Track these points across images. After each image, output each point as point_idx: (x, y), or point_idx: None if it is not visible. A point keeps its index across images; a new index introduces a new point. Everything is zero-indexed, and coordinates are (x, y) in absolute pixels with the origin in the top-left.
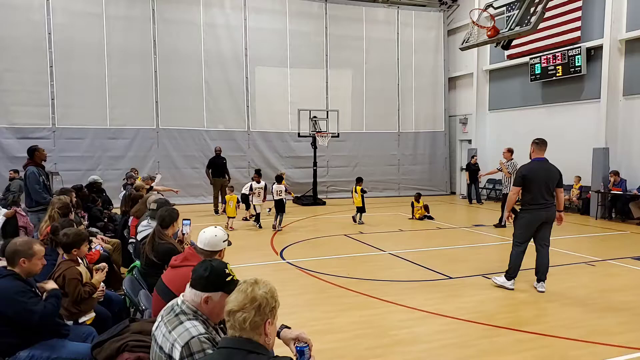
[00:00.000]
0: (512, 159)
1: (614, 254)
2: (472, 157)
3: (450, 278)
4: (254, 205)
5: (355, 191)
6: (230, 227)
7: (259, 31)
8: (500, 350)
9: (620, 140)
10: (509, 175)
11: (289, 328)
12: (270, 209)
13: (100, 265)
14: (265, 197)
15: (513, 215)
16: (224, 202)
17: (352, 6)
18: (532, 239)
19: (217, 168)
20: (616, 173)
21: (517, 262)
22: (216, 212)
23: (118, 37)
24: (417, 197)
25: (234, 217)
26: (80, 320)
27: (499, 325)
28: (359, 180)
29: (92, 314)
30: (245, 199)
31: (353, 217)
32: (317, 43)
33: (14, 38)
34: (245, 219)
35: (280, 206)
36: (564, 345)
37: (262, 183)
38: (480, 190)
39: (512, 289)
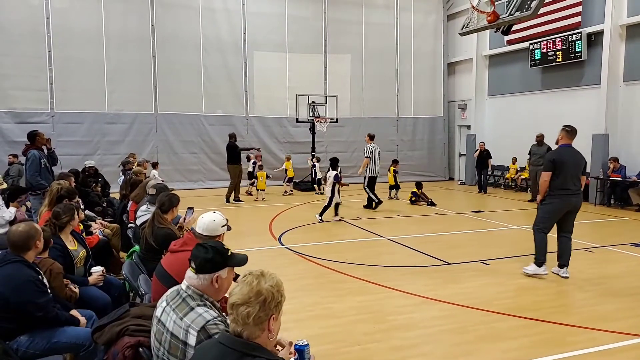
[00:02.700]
0: (372, 143)
1: (612, 241)
2: (481, 143)
3: (449, 264)
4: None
5: (389, 171)
6: (262, 199)
7: (258, 15)
8: (498, 335)
9: (620, 126)
10: (367, 160)
11: None
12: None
13: (97, 270)
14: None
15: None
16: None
17: None
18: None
19: (237, 155)
20: (615, 159)
21: (542, 246)
22: (237, 199)
23: (116, 22)
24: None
25: (264, 190)
26: None
27: (497, 311)
28: (395, 162)
29: None
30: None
31: (390, 197)
32: (315, 28)
33: (12, 22)
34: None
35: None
36: (562, 331)
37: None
38: (488, 178)
39: (546, 274)
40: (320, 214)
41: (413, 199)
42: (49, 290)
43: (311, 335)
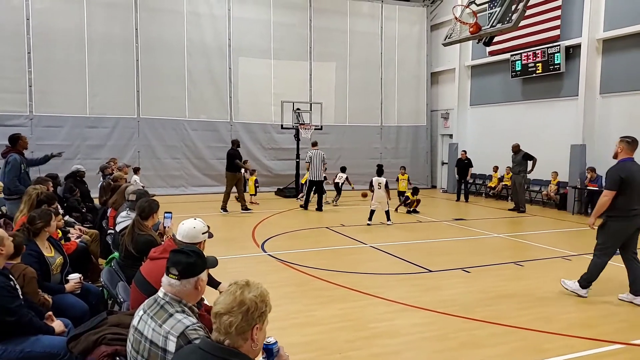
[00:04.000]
0: (313, 150)
1: (590, 249)
2: (463, 151)
3: (430, 271)
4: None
5: (401, 176)
6: (256, 202)
7: (243, 21)
8: (478, 343)
9: (597, 137)
10: (307, 165)
11: None
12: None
13: (74, 278)
14: (389, 194)
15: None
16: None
17: None
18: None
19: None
20: (593, 169)
21: (597, 274)
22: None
23: (99, 24)
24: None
25: (254, 194)
26: None
27: (478, 319)
28: (403, 168)
29: None
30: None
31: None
32: (301, 35)
33: None
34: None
35: (337, 189)
36: (540, 338)
37: (383, 179)
38: (469, 186)
39: (586, 297)
40: (388, 218)
41: (407, 202)
42: (21, 296)
43: (294, 343)
